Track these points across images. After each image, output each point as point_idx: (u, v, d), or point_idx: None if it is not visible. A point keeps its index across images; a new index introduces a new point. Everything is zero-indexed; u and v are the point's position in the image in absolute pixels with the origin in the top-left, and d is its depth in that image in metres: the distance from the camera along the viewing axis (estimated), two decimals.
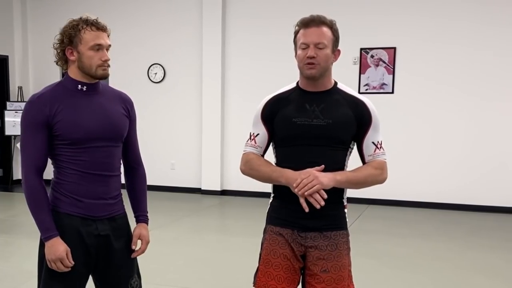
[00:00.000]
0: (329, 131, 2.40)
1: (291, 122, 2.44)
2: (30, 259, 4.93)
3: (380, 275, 5.02)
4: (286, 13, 8.20)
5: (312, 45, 2.38)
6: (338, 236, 2.50)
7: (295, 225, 2.47)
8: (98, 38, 2.39)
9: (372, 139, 2.48)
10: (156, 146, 9.28)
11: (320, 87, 2.47)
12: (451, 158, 8.03)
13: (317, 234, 2.46)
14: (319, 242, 2.46)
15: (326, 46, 2.39)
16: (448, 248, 6.02)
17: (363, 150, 2.49)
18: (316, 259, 2.46)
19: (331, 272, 2.45)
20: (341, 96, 2.48)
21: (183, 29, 9.17)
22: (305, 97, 2.47)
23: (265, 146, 2.59)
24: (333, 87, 2.50)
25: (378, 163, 2.49)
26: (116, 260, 2.54)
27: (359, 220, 7.28)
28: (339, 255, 2.48)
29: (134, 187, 2.70)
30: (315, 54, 2.37)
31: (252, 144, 2.58)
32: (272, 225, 2.55)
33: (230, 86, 8.99)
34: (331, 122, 2.41)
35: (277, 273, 2.48)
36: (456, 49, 7.87)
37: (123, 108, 2.57)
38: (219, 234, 6.83)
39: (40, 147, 2.38)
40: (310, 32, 2.39)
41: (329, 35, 2.41)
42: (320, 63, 2.38)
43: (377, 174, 2.48)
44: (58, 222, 2.42)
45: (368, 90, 8.17)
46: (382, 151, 2.50)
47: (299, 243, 2.48)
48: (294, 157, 2.45)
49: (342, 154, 2.47)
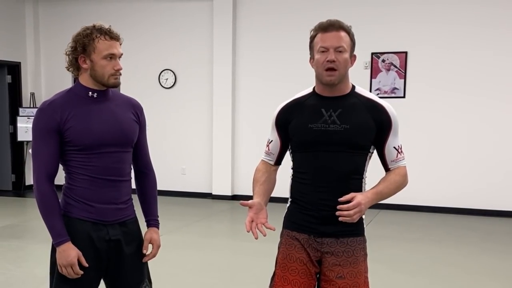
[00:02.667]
0: (346, 136, 2.38)
1: (307, 128, 2.42)
2: (41, 264, 4.94)
3: (392, 281, 4.99)
4: (297, 18, 8.20)
5: (332, 49, 2.35)
6: (355, 242, 2.47)
7: (312, 230, 2.46)
8: (111, 47, 2.41)
9: (394, 144, 2.46)
10: (167, 151, 9.30)
11: (337, 92, 2.43)
12: (463, 162, 7.97)
13: (334, 240, 2.44)
14: (335, 248, 2.44)
15: (346, 50, 2.36)
16: (461, 253, 5.97)
17: (385, 155, 2.47)
18: (332, 265, 2.44)
19: (347, 279, 2.43)
20: (359, 100, 2.44)
21: (193, 34, 9.19)
22: (321, 103, 2.44)
23: (277, 153, 2.60)
24: (350, 92, 2.46)
25: (401, 171, 2.49)
26: (127, 265, 2.55)
27: (371, 225, 7.23)
28: (356, 261, 2.45)
29: (144, 192, 2.71)
30: (335, 58, 2.34)
31: (266, 151, 2.63)
32: (288, 229, 2.54)
33: (240, 90, 8.99)
34: (348, 127, 2.38)
35: (293, 277, 2.47)
36: (467, 53, 7.83)
37: (133, 114, 2.58)
38: (230, 239, 6.82)
39: (51, 153, 2.40)
40: (330, 36, 2.36)
41: (347, 40, 2.38)
42: (339, 68, 2.36)
43: (402, 181, 2.49)
44: (70, 227, 2.43)
45: (379, 94, 8.13)
46: (403, 155, 2.50)
47: (315, 249, 2.46)
48: (311, 162, 2.44)
49: (361, 159, 2.44)
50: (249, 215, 2.47)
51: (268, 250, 2.64)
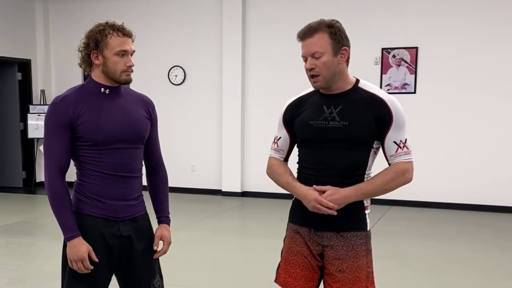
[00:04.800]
0: (344, 133, 2.39)
1: (308, 124, 2.47)
2: (52, 260, 4.97)
3: (403, 277, 4.96)
4: (307, 8, 8.16)
5: (308, 56, 2.39)
6: (355, 237, 2.48)
7: (312, 224, 2.50)
8: (124, 44, 2.42)
9: (394, 139, 2.40)
10: (176, 148, 9.31)
11: (336, 90, 2.45)
12: (475, 158, 7.92)
13: (333, 234, 2.47)
14: (334, 242, 2.47)
15: (323, 53, 2.36)
16: (473, 249, 5.93)
17: (385, 150, 2.44)
18: (332, 258, 2.47)
19: (346, 273, 2.45)
20: (361, 95, 2.43)
21: (203, 31, 9.18)
22: (323, 100, 2.47)
23: (287, 149, 2.64)
24: (352, 87, 2.45)
25: (398, 167, 2.42)
26: (138, 261, 2.55)
27: (382, 221, 7.21)
28: (355, 256, 2.46)
29: (156, 189, 2.72)
30: (312, 65, 2.38)
31: (275, 148, 2.65)
32: (291, 223, 2.60)
33: (250, 87, 8.98)
34: (347, 123, 2.39)
35: (294, 270, 2.53)
36: (478, 50, 7.77)
37: (145, 111, 2.59)
38: (240, 236, 6.83)
39: (63, 148, 2.40)
40: (305, 45, 2.40)
41: (324, 41, 2.36)
42: (320, 73, 2.38)
43: (396, 178, 2.42)
44: (81, 223, 2.44)
45: (390, 90, 8.09)
46: (405, 150, 2.42)
47: (316, 242, 2.50)
48: (313, 158, 2.48)
49: (363, 154, 2.43)
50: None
51: (278, 246, 2.64)
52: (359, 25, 8.14)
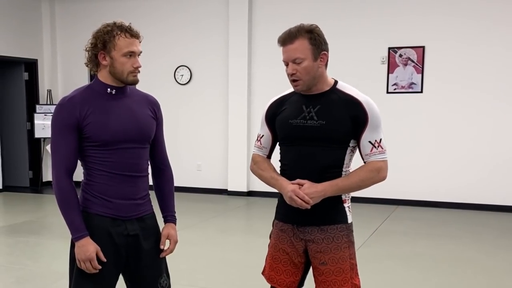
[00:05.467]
0: (322, 132, 2.49)
1: (288, 123, 2.58)
2: (59, 259, 4.98)
3: (408, 277, 4.95)
4: (313, 8, 8.16)
5: (290, 62, 2.49)
6: (336, 229, 2.57)
7: (294, 220, 2.61)
8: (132, 45, 2.43)
9: (369, 139, 2.50)
10: (182, 147, 9.32)
11: (315, 91, 2.56)
12: (481, 158, 7.89)
13: (314, 228, 2.57)
14: (316, 236, 2.57)
15: (304, 58, 2.46)
16: (478, 249, 5.91)
17: (361, 149, 2.54)
18: (314, 252, 2.59)
19: (329, 264, 2.56)
20: (338, 96, 2.53)
21: (209, 30, 9.19)
22: (302, 100, 2.58)
23: (270, 147, 2.75)
24: (331, 88, 2.56)
25: (372, 165, 2.52)
26: (145, 260, 2.56)
27: (388, 221, 7.19)
28: (337, 247, 2.56)
29: (161, 188, 2.73)
30: (294, 71, 2.49)
31: (258, 145, 2.77)
32: (277, 220, 2.73)
33: (256, 87, 8.98)
34: (324, 123, 2.49)
35: (277, 265, 2.69)
36: (485, 49, 7.74)
37: (150, 110, 2.60)
38: (246, 235, 6.82)
39: (70, 149, 2.41)
40: (285, 50, 2.50)
41: (304, 47, 2.45)
42: (301, 78, 2.49)
43: (371, 177, 2.52)
44: (89, 223, 2.45)
45: (396, 89, 8.08)
46: (380, 149, 2.51)
47: (299, 238, 2.61)
48: (292, 156, 2.58)
49: (340, 152, 2.53)
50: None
51: None
52: (366, 24, 8.13)
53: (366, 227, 6.71)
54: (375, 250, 5.70)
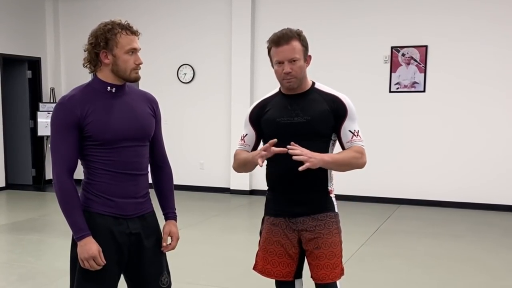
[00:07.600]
0: (309, 126, 2.68)
1: (276, 122, 2.75)
2: (61, 257, 4.99)
3: (411, 276, 4.95)
4: (317, 8, 8.15)
5: (286, 61, 2.64)
6: (326, 217, 2.76)
7: (286, 213, 2.78)
8: (133, 42, 2.45)
9: (349, 128, 2.72)
10: (185, 146, 9.33)
11: (298, 91, 2.75)
12: (484, 157, 7.88)
13: (306, 218, 2.74)
14: (308, 224, 2.74)
15: (299, 58, 2.65)
16: (481, 248, 5.90)
17: (342, 137, 2.74)
18: (308, 239, 2.74)
19: (322, 248, 2.72)
20: (319, 94, 2.75)
21: (212, 29, 9.19)
22: (286, 100, 2.76)
23: (253, 144, 2.90)
24: (310, 88, 2.77)
25: (357, 148, 2.72)
26: (147, 258, 2.56)
27: (390, 220, 7.19)
28: (329, 232, 2.73)
29: (161, 185, 2.73)
30: (290, 69, 2.65)
31: (241, 143, 2.92)
32: (268, 215, 2.88)
33: (259, 85, 8.97)
34: (310, 118, 2.69)
35: (272, 258, 2.82)
36: (487, 48, 7.73)
37: (149, 108, 2.61)
38: (248, 234, 6.82)
39: (71, 148, 2.41)
40: (282, 50, 2.64)
41: (299, 48, 2.66)
42: (296, 76, 2.67)
43: (358, 157, 2.71)
44: (91, 222, 2.44)
45: (399, 89, 8.07)
46: (359, 138, 2.74)
47: (292, 229, 2.77)
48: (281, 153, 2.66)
49: (324, 146, 2.73)
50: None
51: None
52: (369, 23, 8.12)
53: (368, 225, 6.71)
54: (377, 249, 5.69)
